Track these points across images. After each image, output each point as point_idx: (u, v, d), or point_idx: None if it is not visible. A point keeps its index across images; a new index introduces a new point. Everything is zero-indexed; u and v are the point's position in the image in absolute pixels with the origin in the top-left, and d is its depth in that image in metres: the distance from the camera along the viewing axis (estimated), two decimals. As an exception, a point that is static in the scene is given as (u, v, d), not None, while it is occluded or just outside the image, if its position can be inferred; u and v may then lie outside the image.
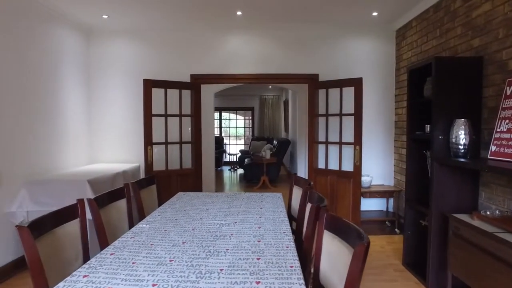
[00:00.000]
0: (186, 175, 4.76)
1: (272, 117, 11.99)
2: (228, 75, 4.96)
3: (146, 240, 1.92)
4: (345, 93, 4.57)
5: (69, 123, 4.43)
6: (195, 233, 2.06)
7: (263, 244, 1.88)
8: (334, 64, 4.96)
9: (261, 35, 4.95)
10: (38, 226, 1.68)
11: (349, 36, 4.94)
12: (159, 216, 2.44)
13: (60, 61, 4.25)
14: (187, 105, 4.82)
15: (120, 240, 1.93)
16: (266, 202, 2.89)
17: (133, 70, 4.95)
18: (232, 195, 3.18)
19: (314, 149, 4.94)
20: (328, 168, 4.81)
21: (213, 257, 1.68)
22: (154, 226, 2.19)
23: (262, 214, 2.50)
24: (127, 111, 4.99)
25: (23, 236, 1.51)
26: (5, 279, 3.32)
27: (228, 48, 4.96)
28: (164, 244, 1.87)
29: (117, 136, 5.01)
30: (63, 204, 3.46)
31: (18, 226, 1.51)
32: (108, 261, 1.63)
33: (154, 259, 1.65)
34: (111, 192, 2.41)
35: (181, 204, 2.80)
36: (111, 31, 4.90)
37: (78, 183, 3.45)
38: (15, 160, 3.50)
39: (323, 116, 4.84)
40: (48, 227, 1.76)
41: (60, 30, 4.25)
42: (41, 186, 3.47)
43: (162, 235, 2.01)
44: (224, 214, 2.50)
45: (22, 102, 3.62)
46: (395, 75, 4.90)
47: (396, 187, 4.86)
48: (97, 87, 4.97)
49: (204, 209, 2.65)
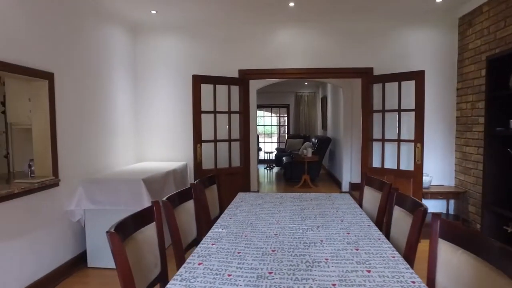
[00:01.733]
0: (235, 174, 4.60)
1: (308, 114, 11.70)
2: (277, 70, 4.76)
3: (230, 248, 1.75)
4: (403, 88, 4.28)
5: (118, 121, 4.38)
6: (279, 239, 1.87)
7: (363, 253, 1.67)
8: (389, 57, 4.65)
9: (312, 28, 4.72)
10: (123, 230, 1.54)
11: (405, 27, 4.61)
12: (230, 219, 2.28)
13: (110, 60, 4.20)
14: (235, 101, 4.65)
15: (201, 247, 1.77)
16: (338, 204, 2.67)
17: (180, 66, 4.84)
18: (298, 196, 2.98)
19: (369, 147, 4.65)
20: (384, 167, 4.52)
21: (316, 269, 1.48)
22: (232, 231, 2.02)
23: (341, 217, 2.28)
24: (172, 109, 4.89)
25: (114, 242, 1.37)
26: (65, 277, 3.29)
27: (277, 42, 4.75)
28: (252, 252, 1.69)
29: (163, 134, 4.93)
30: (117, 204, 3.42)
31: (108, 232, 1.37)
32: (200, 272, 1.47)
33: (250, 271, 1.47)
34: (181, 193, 2.26)
35: (248, 206, 2.62)
36: (158, 26, 4.80)
37: (133, 182, 3.36)
38: (73, 159, 3.46)
39: (378, 112, 4.55)
40: (130, 231, 1.62)
41: (109, 27, 4.19)
42: (96, 185, 3.40)
43: (245, 242, 1.83)
44: (300, 218, 2.30)
45: (79, 101, 3.58)
46: (457, 67, 4.53)
47: (458, 188, 4.50)
48: (143, 85, 4.90)
49: (276, 211, 2.47)
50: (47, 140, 3.14)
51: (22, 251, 2.81)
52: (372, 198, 2.70)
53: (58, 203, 3.25)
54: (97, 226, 3.46)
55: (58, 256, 3.25)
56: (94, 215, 3.46)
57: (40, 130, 3.14)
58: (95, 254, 3.50)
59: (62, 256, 3.32)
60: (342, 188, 6.83)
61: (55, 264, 3.21)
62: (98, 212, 3.44)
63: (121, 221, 1.57)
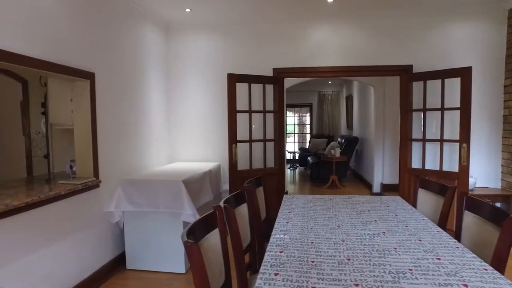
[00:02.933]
0: (270, 175, 4.49)
1: (331, 113, 11.50)
2: (311, 68, 4.63)
3: (301, 256, 1.64)
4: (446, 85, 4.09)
5: (152, 121, 4.34)
6: (349, 246, 1.76)
7: (448, 263, 1.54)
8: (429, 53, 4.45)
9: (348, 24, 4.56)
10: (194, 238, 1.45)
11: (447, 21, 4.41)
12: (287, 223, 2.17)
13: (144, 59, 4.15)
14: (270, 100, 4.55)
15: (269, 255, 1.66)
16: (394, 207, 2.53)
17: (212, 65, 4.77)
18: (347, 199, 2.85)
19: (408, 147, 4.47)
20: (425, 168, 4.34)
21: (403, 281, 1.36)
22: (294, 237, 1.91)
23: (404, 222, 2.15)
24: (204, 108, 4.82)
25: (193, 254, 1.27)
26: (105, 279, 3.25)
27: (312, 40, 4.62)
28: (327, 261, 1.58)
29: (194, 133, 4.86)
30: (157, 205, 3.35)
31: (187, 243, 1.28)
32: (280, 284, 1.37)
33: (334, 283, 1.36)
34: (236, 195, 2.17)
35: (300, 209, 2.51)
36: (190, 25, 4.74)
37: (173, 183, 3.29)
38: (111, 160, 3.42)
39: (418, 111, 4.37)
40: (198, 238, 1.53)
41: (143, 26, 4.14)
42: (135, 186, 3.35)
43: (315, 250, 1.72)
44: (361, 222, 2.18)
45: (116, 102, 3.54)
46: (505, 62, 4.31)
47: (506, 191, 4.28)
48: (175, 84, 4.84)
49: (332, 215, 2.35)
50: (88, 140, 3.11)
51: (65, 253, 2.78)
52: (430, 202, 2.55)
53: (98, 204, 3.22)
54: (135, 227, 3.42)
55: (98, 258, 3.22)
56: (132, 216, 3.41)
57: (82, 130, 3.11)
58: (134, 255, 3.45)
59: (102, 258, 3.28)
60: (373, 189, 6.64)
61: (96, 266, 3.17)
62: (137, 214, 3.39)
63: (191, 227, 1.48)
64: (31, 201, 2.29)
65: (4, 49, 2.18)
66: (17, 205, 2.18)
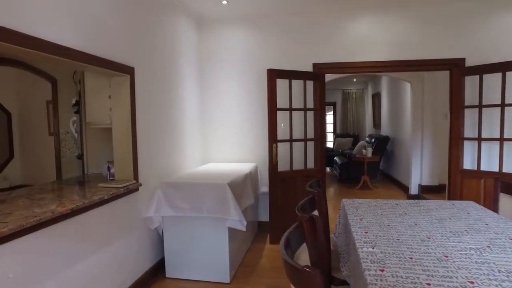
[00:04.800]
0: (310, 176, 4.20)
1: (355, 112, 11.16)
2: (354, 63, 4.33)
3: (409, 276, 1.38)
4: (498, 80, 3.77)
5: (186, 120, 4.11)
6: (458, 264, 1.48)
7: None
8: (483, 45, 4.09)
9: (392, 15, 4.25)
10: (291, 253, 1.20)
11: (504, 8, 4.05)
12: (366, 233, 1.90)
13: (179, 55, 3.93)
14: (310, 97, 4.28)
15: (369, 274, 1.40)
16: (478, 215, 2.23)
17: (247, 61, 4.52)
18: (415, 204, 2.56)
19: (460, 147, 4.15)
20: (480, 169, 4.01)
21: None
22: (386, 251, 1.64)
23: (503, 234, 1.86)
24: (239, 106, 4.58)
25: (316, 284, 1.01)
26: (148, 285, 3.04)
27: (355, 33, 4.33)
28: (445, 284, 1.31)
29: (229, 133, 4.63)
30: (200, 210, 3.09)
31: (308, 271, 1.01)
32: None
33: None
34: (310, 201, 1.92)
35: (371, 216, 2.24)
36: (225, 18, 4.50)
37: (218, 187, 3.05)
38: (149, 161, 3.20)
39: (473, 107, 4.04)
40: (292, 255, 1.28)
41: (177, 20, 3.91)
42: (176, 189, 3.12)
43: (421, 268, 1.45)
44: (450, 232, 1.89)
45: (153, 99, 3.33)
46: None
47: None
48: (208, 81, 4.62)
49: (411, 223, 2.07)
50: (128, 140, 2.90)
51: (108, 261, 2.57)
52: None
53: (137, 209, 3.01)
54: (175, 233, 3.20)
55: (139, 266, 3.01)
56: (172, 222, 3.19)
57: (121, 129, 2.90)
58: (174, 263, 3.23)
59: (142, 265, 3.07)
60: (411, 191, 6.29)
61: (137, 274, 2.97)
62: (176, 219, 3.17)
63: (286, 238, 1.23)
64: (76, 207, 2.09)
65: (51, 40, 1.97)
66: (63, 211, 1.98)
